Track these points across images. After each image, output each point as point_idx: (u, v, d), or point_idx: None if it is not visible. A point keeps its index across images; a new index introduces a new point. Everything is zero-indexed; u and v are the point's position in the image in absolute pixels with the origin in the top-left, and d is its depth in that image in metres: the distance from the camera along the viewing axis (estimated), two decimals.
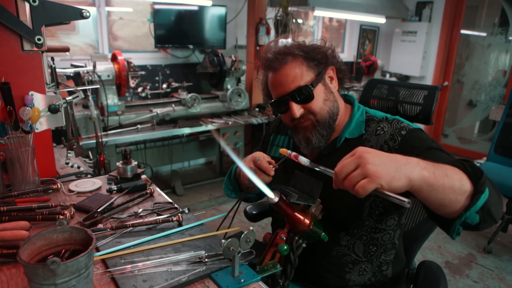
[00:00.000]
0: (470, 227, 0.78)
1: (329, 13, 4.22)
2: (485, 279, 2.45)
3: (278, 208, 0.92)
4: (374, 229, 1.06)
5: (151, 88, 3.50)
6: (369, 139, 1.06)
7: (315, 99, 1.05)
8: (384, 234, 1.08)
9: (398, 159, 0.72)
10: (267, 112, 3.66)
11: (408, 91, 1.35)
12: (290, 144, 1.22)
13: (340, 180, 0.74)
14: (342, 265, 1.09)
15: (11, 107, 1.19)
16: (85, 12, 1.27)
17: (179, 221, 1.10)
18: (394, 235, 1.10)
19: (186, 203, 3.38)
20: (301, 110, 1.05)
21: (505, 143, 2.90)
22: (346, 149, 1.03)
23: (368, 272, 1.10)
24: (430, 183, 0.72)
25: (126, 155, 1.40)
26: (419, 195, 0.74)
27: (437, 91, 1.29)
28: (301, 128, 1.09)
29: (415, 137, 0.99)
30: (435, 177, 0.72)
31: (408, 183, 0.70)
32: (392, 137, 1.02)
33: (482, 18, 4.82)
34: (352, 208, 1.05)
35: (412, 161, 0.73)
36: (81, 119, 2.74)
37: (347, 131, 1.09)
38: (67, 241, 0.77)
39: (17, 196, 1.15)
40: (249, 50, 3.76)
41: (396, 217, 1.08)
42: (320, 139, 1.08)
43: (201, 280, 0.86)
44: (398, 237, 1.13)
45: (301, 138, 1.10)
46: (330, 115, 1.07)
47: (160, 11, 3.46)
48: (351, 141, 1.09)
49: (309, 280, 1.15)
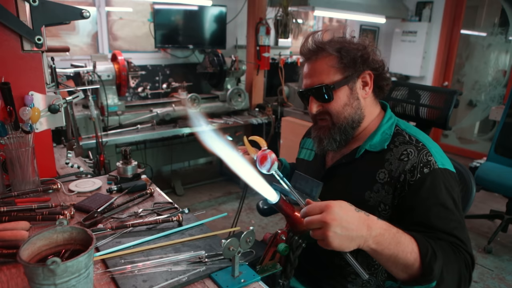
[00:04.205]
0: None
1: (329, 13, 4.22)
2: (485, 279, 2.45)
3: (278, 208, 0.92)
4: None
5: (151, 88, 3.50)
6: (391, 161, 0.98)
7: (335, 101, 1.02)
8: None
9: (359, 228, 0.76)
10: (267, 112, 3.66)
11: (426, 94, 1.31)
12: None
13: (304, 217, 0.79)
14: (345, 275, 1.08)
15: (11, 107, 1.19)
16: (85, 12, 1.27)
17: (179, 221, 1.09)
18: None
19: (186, 203, 3.38)
20: (319, 107, 1.04)
21: (505, 143, 2.90)
22: (366, 163, 1.02)
23: (372, 285, 1.07)
24: (375, 252, 0.80)
25: (126, 155, 1.40)
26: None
27: (456, 95, 1.23)
28: (318, 127, 1.09)
29: (431, 185, 0.92)
30: (382, 252, 0.79)
31: (357, 247, 0.78)
32: (413, 170, 0.94)
33: (482, 18, 4.82)
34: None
35: (371, 232, 0.78)
36: (81, 119, 2.74)
37: (368, 143, 1.04)
38: (67, 241, 0.77)
39: (17, 196, 1.15)
40: (249, 50, 3.76)
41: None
42: (332, 143, 1.06)
43: (201, 280, 0.86)
44: None
45: (315, 136, 1.10)
46: (347, 122, 1.04)
47: (160, 11, 3.46)
48: (372, 155, 1.03)
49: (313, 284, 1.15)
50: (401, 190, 0.95)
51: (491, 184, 2.73)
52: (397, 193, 0.96)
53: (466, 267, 0.86)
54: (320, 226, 0.76)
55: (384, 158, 1.00)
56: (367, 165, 1.01)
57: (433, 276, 0.79)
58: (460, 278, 0.84)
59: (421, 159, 0.95)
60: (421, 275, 0.81)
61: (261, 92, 3.90)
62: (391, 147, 1.00)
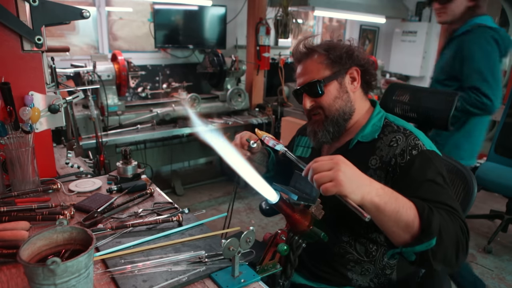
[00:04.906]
0: (407, 261, 0.89)
1: (329, 13, 4.23)
2: (485, 279, 2.45)
3: (278, 208, 0.92)
4: (372, 226, 1.06)
5: (151, 88, 3.50)
6: (382, 148, 1.06)
7: (326, 95, 1.10)
8: (382, 233, 1.08)
9: (363, 178, 0.83)
10: (267, 112, 3.66)
11: (427, 96, 1.32)
12: (311, 144, 1.27)
13: (311, 174, 0.83)
14: (344, 263, 1.11)
15: (11, 107, 1.19)
16: (85, 12, 1.27)
17: (179, 221, 1.10)
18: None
19: (186, 203, 3.38)
20: (312, 103, 1.13)
21: (505, 143, 2.90)
22: (358, 153, 1.09)
23: (370, 273, 1.11)
24: (378, 209, 0.82)
25: (126, 155, 1.40)
26: (371, 216, 0.83)
27: (457, 97, 1.25)
28: (312, 121, 1.16)
29: (420, 164, 0.98)
30: (385, 207, 0.82)
31: (361, 200, 0.81)
32: (402, 153, 1.01)
33: None
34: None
35: (373, 185, 0.83)
36: (81, 119, 2.74)
37: (360, 134, 1.11)
38: (67, 241, 0.77)
39: (17, 196, 1.15)
40: (249, 50, 3.76)
41: None
42: (326, 135, 1.13)
43: (201, 280, 0.86)
44: None
45: (310, 131, 1.17)
46: (339, 114, 1.11)
47: (160, 11, 3.46)
48: (364, 145, 1.10)
49: (313, 275, 1.16)
50: (393, 173, 1.02)
51: (491, 184, 2.73)
52: (390, 177, 1.02)
53: (462, 232, 0.88)
54: (330, 166, 0.80)
55: (375, 146, 1.07)
56: (360, 154, 1.08)
57: (432, 229, 0.82)
58: (457, 242, 0.86)
59: (409, 143, 1.02)
60: (421, 231, 0.83)
61: (261, 92, 3.90)
62: (381, 136, 1.08)
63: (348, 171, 0.80)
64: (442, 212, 0.88)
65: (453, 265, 0.87)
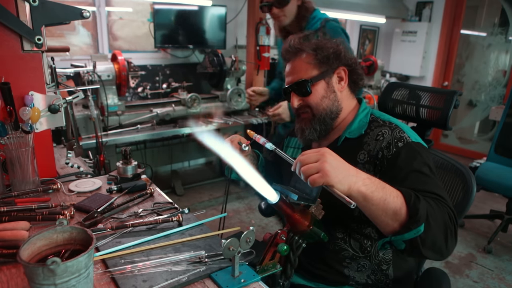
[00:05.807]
0: (397, 250, 0.90)
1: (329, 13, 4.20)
2: (485, 279, 2.45)
3: (278, 208, 0.92)
4: (365, 221, 1.06)
5: (151, 88, 3.50)
6: (369, 142, 1.08)
7: (313, 94, 1.12)
8: (375, 228, 1.08)
9: (349, 169, 0.84)
10: (267, 112, 3.66)
11: (426, 95, 1.32)
12: (301, 145, 1.30)
13: (299, 167, 0.84)
14: (340, 260, 1.11)
15: (11, 107, 1.19)
16: (85, 12, 1.27)
17: (179, 221, 1.10)
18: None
19: (186, 203, 3.38)
20: (300, 102, 1.15)
21: (505, 143, 2.90)
22: (347, 149, 1.11)
23: (367, 269, 1.11)
24: (365, 198, 0.83)
25: (126, 155, 1.40)
26: (359, 206, 0.85)
27: (456, 95, 1.25)
28: (300, 119, 1.18)
29: (406, 156, 1.00)
30: (372, 196, 0.83)
31: (348, 190, 0.82)
32: (389, 145, 1.04)
33: (482, 18, 4.82)
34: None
35: (360, 175, 0.84)
36: (81, 119, 2.74)
37: (348, 131, 1.14)
38: (67, 241, 0.77)
39: (17, 196, 1.15)
40: (249, 50, 3.76)
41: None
42: (313, 133, 1.15)
43: (201, 280, 0.86)
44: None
45: (297, 128, 1.19)
46: (326, 113, 1.13)
47: (160, 11, 3.46)
48: (352, 141, 1.12)
49: (310, 274, 1.16)
50: (381, 166, 1.04)
51: (491, 184, 2.73)
52: (378, 170, 1.04)
53: (450, 219, 0.88)
54: (316, 158, 0.82)
55: (362, 142, 1.09)
56: (348, 150, 1.10)
57: (420, 216, 0.83)
58: (446, 228, 0.87)
59: (394, 135, 1.05)
60: (409, 218, 0.84)
61: None
62: (368, 132, 1.10)
63: (334, 161, 0.82)
64: (429, 200, 0.89)
65: (443, 252, 0.88)
